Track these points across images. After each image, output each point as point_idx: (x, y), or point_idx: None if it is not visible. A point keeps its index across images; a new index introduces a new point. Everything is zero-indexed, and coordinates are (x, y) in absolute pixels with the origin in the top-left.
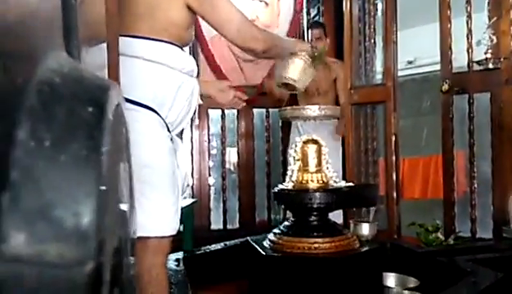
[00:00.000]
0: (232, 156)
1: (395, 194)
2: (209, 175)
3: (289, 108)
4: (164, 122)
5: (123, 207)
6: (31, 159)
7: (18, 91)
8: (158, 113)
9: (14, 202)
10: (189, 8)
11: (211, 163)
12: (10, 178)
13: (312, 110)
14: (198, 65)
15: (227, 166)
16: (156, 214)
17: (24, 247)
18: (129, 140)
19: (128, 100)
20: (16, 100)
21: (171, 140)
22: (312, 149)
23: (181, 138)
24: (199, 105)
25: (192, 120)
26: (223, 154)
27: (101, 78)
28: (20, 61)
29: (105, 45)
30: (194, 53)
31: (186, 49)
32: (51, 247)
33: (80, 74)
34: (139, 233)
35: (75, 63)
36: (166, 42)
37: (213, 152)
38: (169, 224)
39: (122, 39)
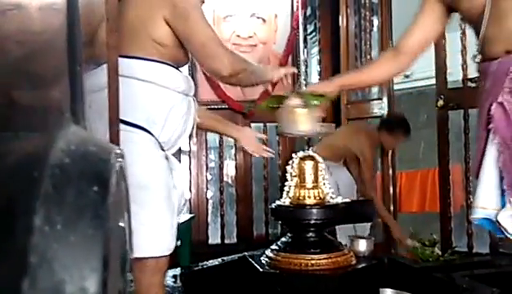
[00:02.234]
0: (230, 170)
1: (392, 208)
2: (207, 189)
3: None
4: (157, 141)
5: (123, 257)
6: (46, 243)
7: (34, 179)
8: (150, 133)
9: (32, 285)
10: (169, 24)
11: (209, 177)
12: (29, 263)
13: None
14: (196, 81)
15: (225, 179)
16: (152, 235)
17: None
18: (128, 191)
19: (120, 121)
20: (33, 188)
21: (166, 158)
22: (308, 166)
23: (179, 158)
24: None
25: (191, 135)
26: (221, 168)
27: (103, 147)
28: (36, 148)
29: (105, 66)
30: (192, 69)
31: (185, 67)
32: None
33: (85, 149)
34: (136, 254)
35: (80, 134)
36: (157, 61)
37: (211, 165)
38: (165, 244)
39: None
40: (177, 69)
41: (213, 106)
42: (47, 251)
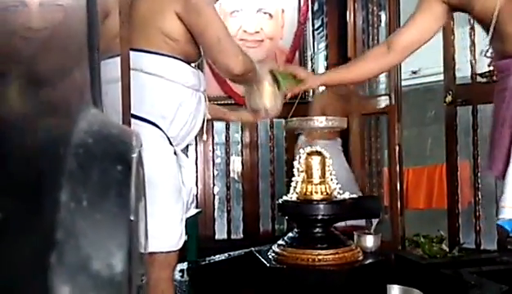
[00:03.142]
0: (236, 166)
1: (399, 205)
2: (213, 185)
3: (295, 119)
4: (166, 135)
5: (142, 241)
6: (72, 219)
7: (59, 157)
8: (159, 127)
9: (59, 259)
10: (181, 19)
11: (215, 173)
12: (56, 237)
13: (320, 121)
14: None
15: (231, 175)
16: (161, 229)
17: None
18: (145, 177)
19: None
20: (58, 166)
21: (175, 154)
22: (316, 161)
23: (187, 154)
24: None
25: (202, 131)
26: (227, 164)
27: (124, 130)
28: (58, 128)
29: (118, 59)
30: (200, 64)
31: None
32: None
33: (107, 131)
34: None
35: (101, 116)
36: (166, 55)
37: (218, 161)
38: (175, 239)
39: None
40: (188, 64)
41: (219, 102)
42: (73, 227)
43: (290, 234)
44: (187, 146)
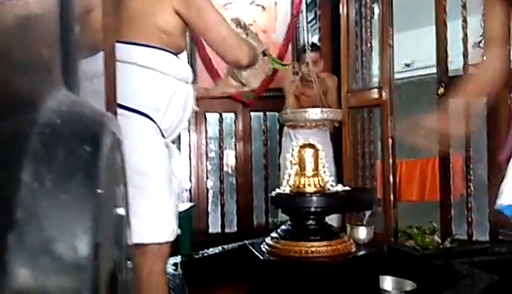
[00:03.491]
0: (230, 159)
1: (392, 197)
2: (207, 179)
3: (289, 111)
4: (159, 128)
5: (119, 228)
6: (34, 199)
7: (22, 137)
8: (152, 119)
9: (19, 240)
10: (179, 15)
11: (209, 166)
12: (15, 217)
13: (314, 113)
14: (195, 69)
15: (225, 169)
16: (155, 221)
17: (27, 280)
18: (125, 164)
19: (121, 106)
20: (21, 145)
21: (166, 146)
22: (308, 154)
23: (179, 146)
24: (196, 111)
25: (190, 123)
26: (221, 158)
27: (98, 112)
28: (23, 107)
29: (102, 53)
30: (191, 57)
31: (184, 54)
32: (52, 279)
33: (78, 110)
34: (137, 241)
35: (73, 97)
36: (159, 48)
37: (211, 155)
38: (167, 231)
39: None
40: (176, 55)
41: None
42: (35, 208)
43: (283, 227)
44: (179, 138)
